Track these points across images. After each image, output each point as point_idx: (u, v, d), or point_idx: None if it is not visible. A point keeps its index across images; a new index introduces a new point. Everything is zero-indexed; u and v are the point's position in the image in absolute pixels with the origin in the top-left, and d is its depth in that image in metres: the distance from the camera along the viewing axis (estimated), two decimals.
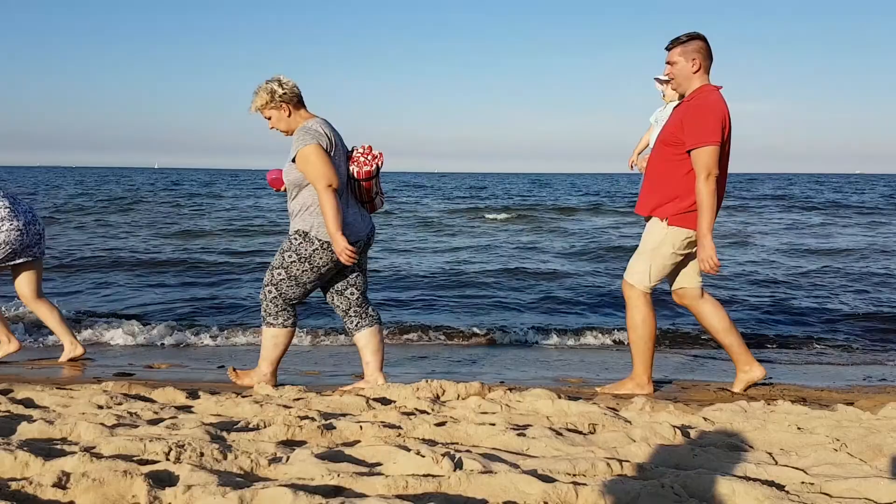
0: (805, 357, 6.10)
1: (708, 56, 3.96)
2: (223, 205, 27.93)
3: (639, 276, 4.09)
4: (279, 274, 4.06)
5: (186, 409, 3.59)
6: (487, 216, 22.95)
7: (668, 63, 4.00)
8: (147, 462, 2.49)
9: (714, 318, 4.17)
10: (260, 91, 4.01)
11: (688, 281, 4.15)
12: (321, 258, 3.99)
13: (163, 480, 2.28)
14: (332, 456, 2.61)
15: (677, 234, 4.00)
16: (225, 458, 2.53)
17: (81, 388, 3.93)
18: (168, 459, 2.51)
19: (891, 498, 2.30)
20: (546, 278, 10.32)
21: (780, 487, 2.40)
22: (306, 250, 3.98)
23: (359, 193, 4.14)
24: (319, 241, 3.96)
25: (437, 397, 3.79)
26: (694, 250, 4.04)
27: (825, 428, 3.16)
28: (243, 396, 3.80)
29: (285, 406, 3.53)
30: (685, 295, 4.18)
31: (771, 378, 4.92)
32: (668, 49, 3.99)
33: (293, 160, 3.94)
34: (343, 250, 3.80)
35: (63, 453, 2.53)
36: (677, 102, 4.18)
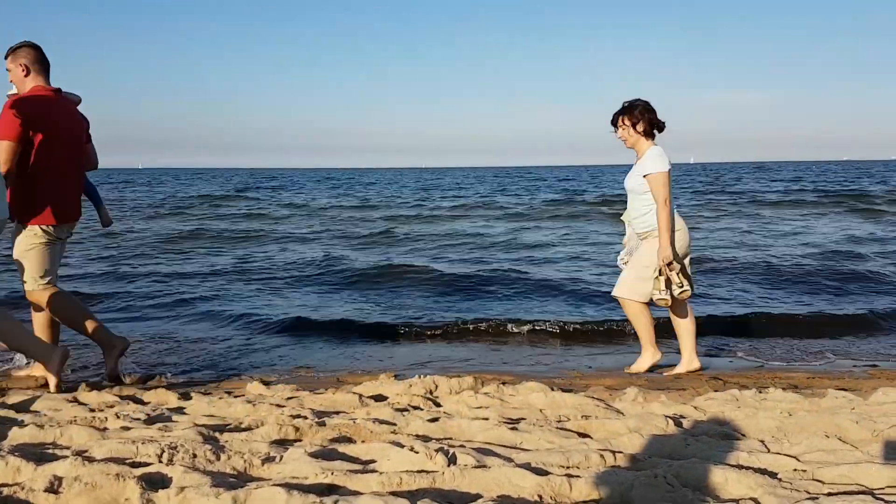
0: (796, 344, 6.13)
1: (37, 61, 4.17)
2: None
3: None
4: None
5: (178, 410, 3.58)
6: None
7: (7, 70, 4.23)
8: (140, 464, 2.48)
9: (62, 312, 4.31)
10: None
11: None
12: None
13: (156, 483, 2.28)
14: (325, 454, 2.60)
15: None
16: (218, 458, 2.52)
17: (73, 392, 3.91)
18: (161, 461, 2.50)
19: (883, 483, 2.32)
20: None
21: (773, 475, 2.42)
22: None
23: None
24: None
25: (431, 392, 3.80)
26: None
27: (816, 414, 3.18)
28: (235, 396, 3.79)
29: (278, 405, 3.52)
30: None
31: (762, 365, 4.94)
32: (6, 58, 4.22)
33: None
34: None
35: (55, 457, 2.51)
36: None
